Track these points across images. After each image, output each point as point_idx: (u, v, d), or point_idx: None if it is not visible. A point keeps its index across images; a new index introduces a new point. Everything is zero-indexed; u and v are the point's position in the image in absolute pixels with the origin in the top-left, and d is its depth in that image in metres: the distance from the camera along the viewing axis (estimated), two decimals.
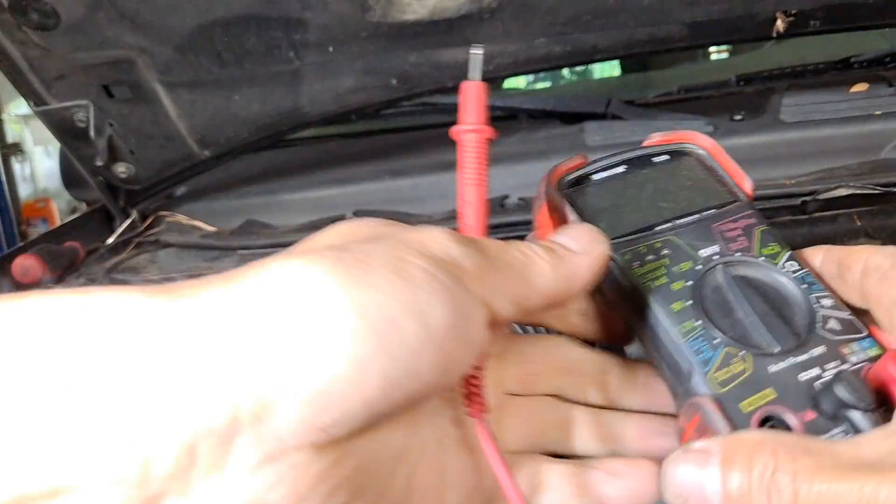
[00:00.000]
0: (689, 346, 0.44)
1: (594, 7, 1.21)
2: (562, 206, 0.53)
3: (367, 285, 0.29)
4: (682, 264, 0.48)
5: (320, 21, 1.20)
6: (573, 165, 0.56)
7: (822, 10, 1.25)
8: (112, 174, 1.44)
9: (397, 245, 0.32)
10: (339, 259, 0.30)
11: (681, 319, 0.45)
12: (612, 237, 0.48)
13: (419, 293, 0.29)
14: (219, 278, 0.30)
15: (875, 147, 1.40)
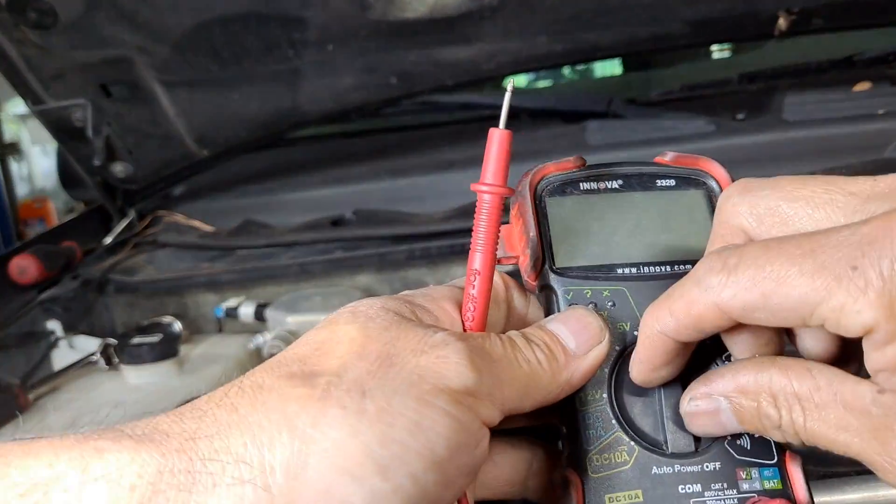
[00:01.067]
0: (585, 416, 0.41)
1: (596, 5, 1.20)
2: (527, 216, 0.45)
3: (392, 442, 0.30)
4: (619, 324, 0.43)
5: (320, 19, 1.19)
6: (563, 167, 0.48)
7: (824, 8, 1.24)
8: (110, 174, 1.43)
9: (418, 384, 0.32)
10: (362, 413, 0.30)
11: (590, 386, 0.41)
12: (563, 265, 0.44)
13: (440, 443, 0.31)
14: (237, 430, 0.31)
15: (878, 146, 1.39)
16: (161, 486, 0.28)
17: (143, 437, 0.30)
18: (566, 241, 0.45)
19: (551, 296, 0.44)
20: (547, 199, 0.47)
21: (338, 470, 0.29)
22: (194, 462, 0.29)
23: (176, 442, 0.29)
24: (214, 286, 1.33)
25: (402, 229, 1.34)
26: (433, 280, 1.28)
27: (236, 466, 0.29)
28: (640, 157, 0.53)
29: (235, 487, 0.29)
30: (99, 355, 1.17)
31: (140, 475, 0.28)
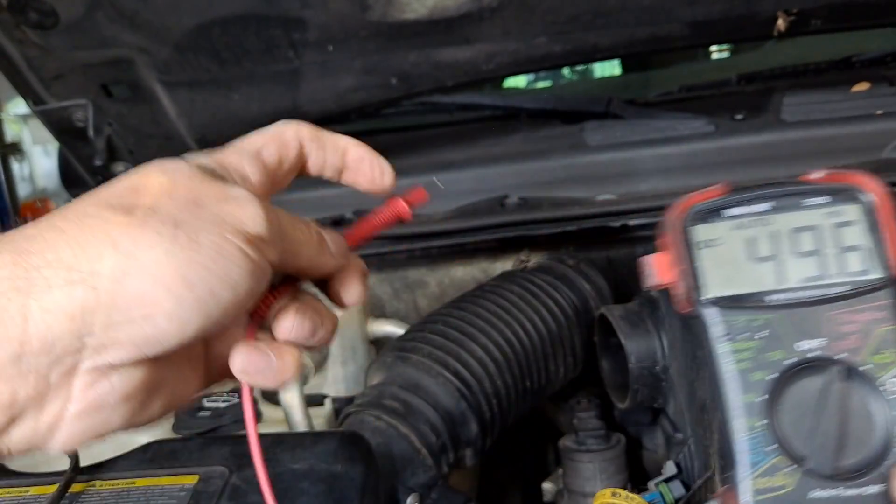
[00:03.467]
0: (744, 442, 0.43)
1: (595, 6, 1.20)
2: (676, 245, 0.47)
3: (195, 263, 0.37)
4: (773, 353, 0.44)
5: (319, 20, 1.20)
6: (709, 195, 0.48)
7: (823, 9, 1.25)
8: (111, 174, 1.44)
9: (220, 224, 0.39)
10: (175, 238, 0.37)
11: (748, 413, 0.43)
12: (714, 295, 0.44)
13: (234, 269, 0.38)
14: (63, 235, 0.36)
15: (876, 147, 1.40)
16: (2, 289, 0.34)
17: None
18: (716, 269, 0.46)
19: (704, 326, 0.45)
20: (695, 228, 0.47)
21: (153, 280, 0.36)
22: (29, 270, 0.34)
23: (9, 256, 0.35)
24: None
25: (401, 229, 1.34)
26: (433, 279, 1.28)
27: (68, 272, 0.35)
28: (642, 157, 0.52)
29: (67, 287, 0.35)
30: None
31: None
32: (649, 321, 0.96)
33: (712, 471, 0.74)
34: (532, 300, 1.05)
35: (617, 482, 0.94)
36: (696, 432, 0.82)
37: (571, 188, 1.43)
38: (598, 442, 0.96)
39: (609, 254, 1.25)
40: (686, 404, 0.87)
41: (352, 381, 1.14)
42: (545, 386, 1.05)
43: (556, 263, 1.15)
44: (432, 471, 0.85)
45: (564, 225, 1.28)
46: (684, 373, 0.87)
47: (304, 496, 0.72)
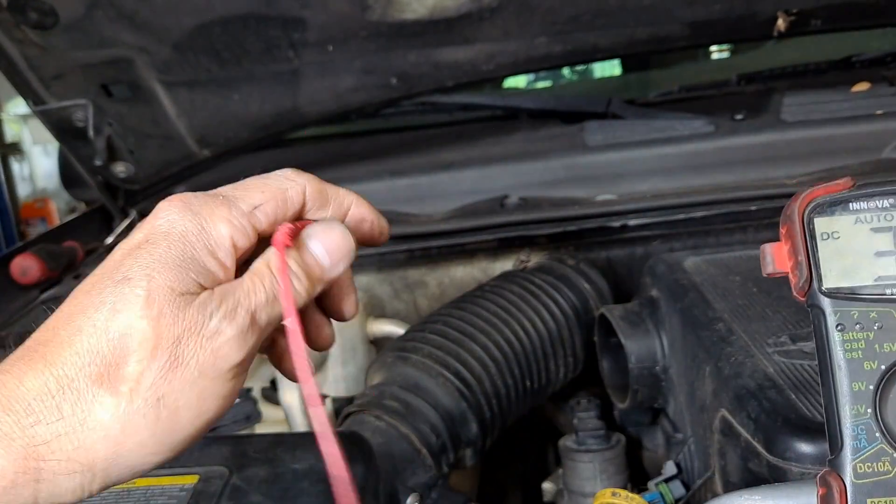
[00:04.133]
0: (851, 427, 0.45)
1: (595, 6, 1.20)
2: (796, 235, 0.48)
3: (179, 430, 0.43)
4: (886, 345, 0.46)
5: (319, 20, 1.20)
6: (832, 189, 0.49)
7: (823, 9, 1.25)
8: (111, 174, 1.44)
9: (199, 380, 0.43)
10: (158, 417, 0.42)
11: (855, 401, 0.45)
12: (831, 286, 0.46)
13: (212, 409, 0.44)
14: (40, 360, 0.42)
15: (877, 147, 1.40)
16: (19, 481, 0.39)
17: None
18: (834, 261, 0.47)
19: (819, 315, 0.47)
20: (815, 220, 0.48)
21: (141, 456, 0.42)
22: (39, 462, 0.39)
23: (21, 448, 0.39)
24: None
25: (401, 229, 1.34)
26: (433, 279, 1.29)
27: (70, 465, 0.40)
28: (642, 157, 0.54)
29: (71, 476, 0.40)
30: None
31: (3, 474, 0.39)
32: (649, 321, 0.97)
33: (712, 471, 0.74)
34: (532, 300, 1.05)
35: (617, 482, 0.94)
36: (697, 432, 0.82)
37: (571, 188, 1.43)
38: (598, 442, 0.96)
39: (609, 254, 1.25)
40: (686, 404, 0.87)
41: (352, 381, 1.14)
42: (545, 386, 1.05)
43: (556, 264, 1.15)
44: (432, 471, 0.85)
45: (564, 225, 1.29)
46: (684, 373, 0.87)
47: (305, 496, 0.72)
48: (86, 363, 0.41)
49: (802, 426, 0.61)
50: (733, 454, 0.69)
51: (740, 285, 0.90)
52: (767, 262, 0.50)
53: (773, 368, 0.70)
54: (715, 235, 1.24)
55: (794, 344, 0.74)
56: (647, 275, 1.05)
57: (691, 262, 1.00)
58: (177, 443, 0.43)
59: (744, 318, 0.81)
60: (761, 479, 0.63)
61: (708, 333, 0.81)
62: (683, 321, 0.88)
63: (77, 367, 0.41)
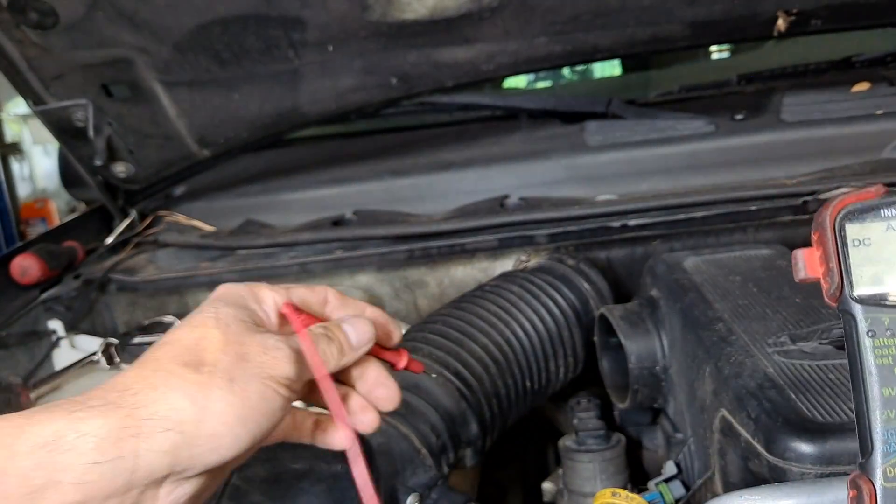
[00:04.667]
0: (881, 432, 0.46)
1: (595, 6, 1.20)
2: (827, 245, 0.49)
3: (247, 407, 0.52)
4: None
5: (319, 20, 1.20)
6: (863, 196, 0.50)
7: (823, 9, 1.25)
8: (111, 174, 1.44)
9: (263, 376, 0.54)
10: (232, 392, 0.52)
11: (885, 406, 0.46)
12: (862, 293, 0.47)
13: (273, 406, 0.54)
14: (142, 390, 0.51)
15: (876, 146, 1.40)
16: (122, 437, 0.48)
17: (104, 408, 0.49)
18: (865, 268, 0.48)
19: (850, 321, 0.47)
20: (847, 226, 0.49)
21: (219, 422, 0.51)
22: (139, 422, 0.49)
23: (126, 410, 0.49)
24: (215, 286, 1.33)
25: (402, 229, 1.35)
26: (433, 279, 1.29)
27: (164, 423, 0.49)
28: (642, 157, 0.54)
29: (163, 433, 0.49)
30: (100, 355, 1.18)
31: (111, 429, 0.48)
32: (649, 321, 0.97)
33: (712, 471, 0.74)
34: (532, 300, 1.06)
35: (617, 482, 0.94)
36: (697, 432, 0.82)
37: (571, 188, 1.44)
38: (598, 442, 0.96)
39: (609, 254, 1.25)
40: (686, 404, 0.87)
41: None
42: (545, 386, 1.05)
43: (556, 264, 1.15)
44: (432, 471, 0.85)
45: (564, 225, 1.29)
46: (684, 373, 0.87)
47: (305, 495, 0.72)
48: (175, 354, 0.53)
49: (802, 426, 0.62)
50: (733, 454, 0.69)
51: (740, 285, 0.90)
52: (799, 268, 0.50)
53: (773, 368, 0.70)
54: (715, 235, 1.24)
55: (793, 344, 0.74)
56: (647, 275, 1.05)
57: (691, 262, 1.00)
58: (249, 427, 0.52)
59: (744, 318, 0.81)
60: (761, 479, 0.64)
61: (708, 333, 0.81)
62: (683, 321, 0.88)
63: (168, 357, 0.52)
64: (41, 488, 0.46)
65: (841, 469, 0.60)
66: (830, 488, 0.57)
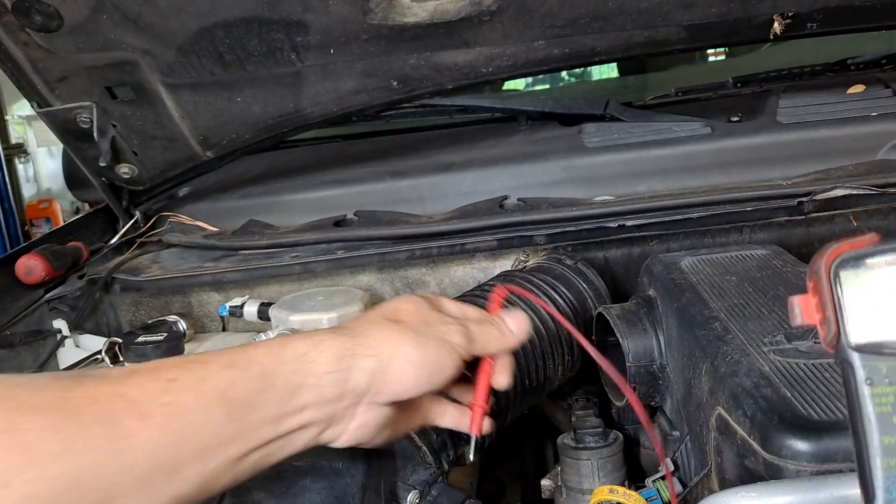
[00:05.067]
0: (883, 479, 0.46)
1: (592, 10, 1.21)
2: (823, 289, 0.49)
3: (426, 355, 0.69)
4: None
5: (321, 23, 1.21)
6: (860, 244, 0.50)
7: (818, 12, 1.26)
8: (115, 175, 1.45)
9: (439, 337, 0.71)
10: (417, 340, 0.69)
11: (886, 454, 0.46)
12: (859, 341, 0.47)
13: (445, 360, 0.70)
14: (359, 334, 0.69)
15: (872, 148, 1.41)
16: (345, 355, 0.66)
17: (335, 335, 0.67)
18: (861, 316, 0.48)
19: (849, 369, 0.47)
20: (842, 274, 0.49)
21: (406, 360, 0.68)
22: (356, 348, 0.66)
23: (347, 337, 0.67)
24: (219, 285, 1.35)
25: (402, 230, 1.36)
26: (433, 279, 1.30)
27: (371, 350, 0.67)
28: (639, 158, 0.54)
29: (369, 358, 0.66)
30: (104, 354, 1.19)
31: (339, 348, 0.66)
32: (646, 320, 0.98)
33: (709, 468, 0.75)
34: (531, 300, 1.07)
35: (614, 479, 0.95)
36: (693, 430, 0.83)
37: (570, 189, 1.45)
38: (595, 440, 0.97)
39: (606, 254, 1.26)
40: (683, 402, 0.88)
41: None
42: (544, 384, 1.06)
43: (555, 264, 1.16)
44: (432, 468, 0.86)
45: (563, 225, 1.30)
46: (681, 371, 0.88)
47: (307, 493, 0.73)
48: (380, 313, 0.73)
49: (798, 424, 0.62)
50: (729, 452, 0.69)
51: (736, 285, 0.91)
52: (796, 315, 0.50)
53: (768, 367, 0.71)
54: (711, 236, 1.25)
55: (789, 343, 0.75)
56: (645, 274, 1.06)
57: (688, 262, 1.01)
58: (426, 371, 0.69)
59: (740, 318, 0.82)
60: (757, 477, 0.64)
61: (704, 332, 0.82)
62: (680, 320, 0.89)
63: (375, 314, 0.73)
64: (297, 387, 0.63)
65: (836, 467, 0.60)
66: (826, 486, 0.58)
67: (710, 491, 0.76)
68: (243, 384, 0.61)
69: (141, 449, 0.53)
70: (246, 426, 0.60)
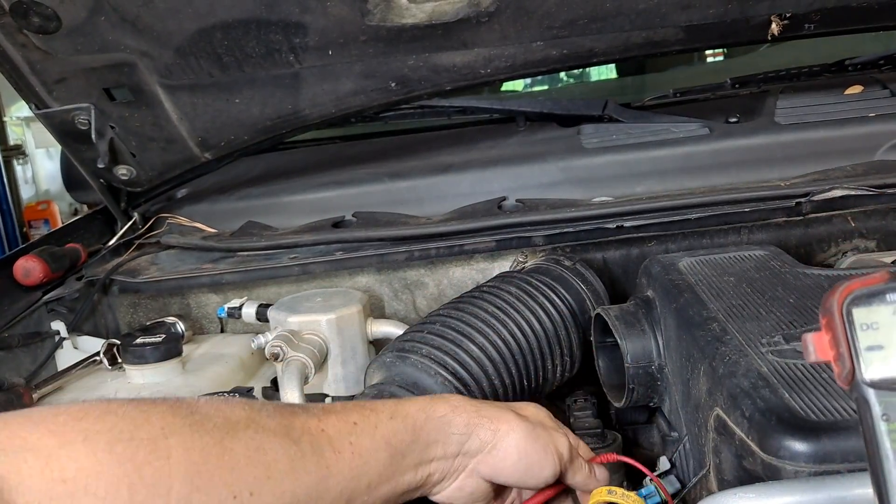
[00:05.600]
0: None
1: (591, 11, 1.22)
2: (836, 330, 0.50)
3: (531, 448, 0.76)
4: None
5: (319, 25, 1.21)
6: (872, 281, 0.50)
7: (816, 13, 1.26)
8: (113, 176, 1.45)
9: (548, 439, 0.78)
10: (529, 432, 0.76)
11: None
12: (874, 377, 0.47)
13: (546, 458, 0.77)
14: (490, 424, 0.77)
15: (869, 149, 1.41)
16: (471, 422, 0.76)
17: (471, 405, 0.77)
18: (875, 352, 0.48)
19: (864, 405, 0.48)
20: (854, 311, 0.49)
21: (515, 446, 0.76)
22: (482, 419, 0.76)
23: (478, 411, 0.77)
24: (217, 287, 1.35)
25: (401, 231, 1.36)
26: (432, 280, 1.30)
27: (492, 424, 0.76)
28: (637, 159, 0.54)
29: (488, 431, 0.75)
30: (103, 355, 1.19)
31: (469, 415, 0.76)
32: (645, 321, 0.98)
33: (707, 469, 0.75)
34: (529, 301, 1.07)
35: (613, 480, 0.95)
36: (692, 431, 0.83)
37: (568, 190, 1.45)
38: (594, 440, 0.97)
39: (605, 255, 1.26)
40: (681, 403, 0.88)
41: (352, 380, 1.15)
42: (542, 385, 1.07)
43: (553, 265, 1.16)
44: None
45: (561, 226, 1.30)
46: (679, 372, 0.88)
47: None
48: (507, 405, 0.81)
49: (796, 425, 0.62)
50: (728, 452, 0.69)
51: (734, 286, 0.91)
52: (810, 351, 0.51)
53: (766, 368, 0.71)
54: (710, 236, 1.25)
55: (787, 343, 0.75)
56: (643, 275, 1.06)
57: (686, 263, 1.01)
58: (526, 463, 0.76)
59: (738, 318, 0.82)
60: (755, 477, 0.64)
61: (702, 333, 0.82)
62: (678, 321, 0.89)
63: (504, 405, 0.81)
64: (433, 442, 0.73)
65: (834, 467, 0.60)
66: (824, 486, 0.58)
67: (708, 491, 0.76)
68: (402, 434, 0.71)
69: (336, 477, 0.65)
70: (398, 469, 0.71)
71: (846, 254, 1.22)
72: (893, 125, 1.42)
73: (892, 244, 1.21)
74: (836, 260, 1.23)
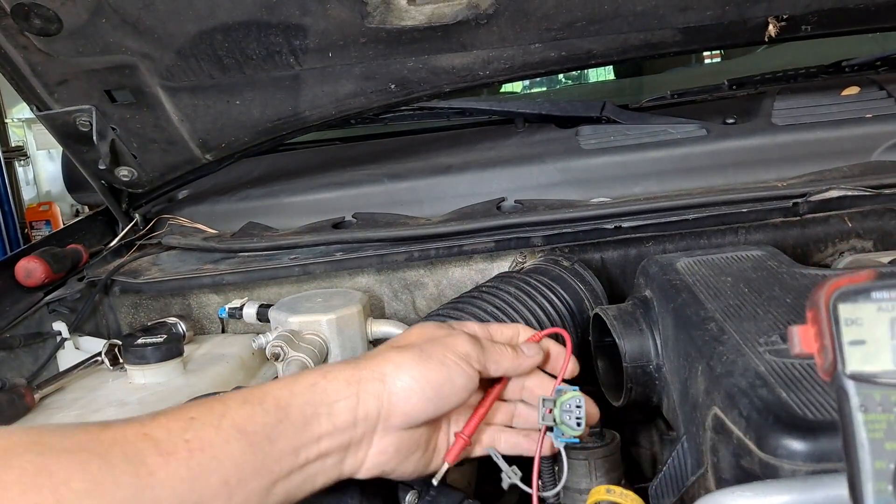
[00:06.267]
0: (873, 503, 0.47)
1: (589, 13, 1.22)
2: (821, 324, 0.51)
3: (430, 369, 0.71)
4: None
5: (320, 27, 1.21)
6: (858, 278, 0.52)
7: (813, 14, 1.27)
8: (115, 178, 1.46)
9: (443, 349, 0.72)
10: (419, 357, 0.71)
11: (878, 479, 0.48)
12: (855, 370, 0.49)
13: (452, 373, 0.71)
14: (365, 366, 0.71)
15: (866, 150, 1.42)
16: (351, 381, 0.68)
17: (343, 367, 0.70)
18: (857, 346, 0.50)
19: (843, 396, 0.49)
20: (840, 306, 0.51)
21: (409, 377, 0.69)
22: (360, 373, 0.69)
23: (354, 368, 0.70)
24: (218, 287, 1.35)
25: (401, 232, 1.36)
26: (431, 281, 1.30)
27: (375, 373, 0.69)
28: (635, 160, 0.55)
29: (376, 383, 0.69)
30: (104, 356, 1.19)
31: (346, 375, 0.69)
32: (643, 321, 0.98)
33: (705, 468, 0.75)
34: (528, 301, 1.07)
35: (611, 479, 0.95)
36: (689, 430, 0.84)
37: (566, 191, 1.45)
38: (592, 440, 0.97)
39: (603, 255, 1.27)
40: (679, 402, 0.89)
41: None
42: None
43: (552, 265, 1.17)
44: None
45: (560, 227, 1.30)
46: (677, 371, 0.89)
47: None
48: (388, 344, 0.76)
49: (793, 424, 0.62)
50: (725, 451, 0.69)
51: (732, 286, 0.92)
52: (794, 343, 0.52)
53: (764, 367, 0.71)
54: (707, 237, 1.26)
55: (784, 343, 0.75)
56: (641, 275, 1.06)
57: (684, 263, 1.01)
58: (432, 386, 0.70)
59: (735, 318, 0.83)
60: (753, 476, 0.64)
61: (700, 333, 0.82)
62: (676, 321, 0.89)
63: (384, 346, 0.75)
64: (311, 417, 0.65)
65: (832, 466, 0.60)
66: (821, 485, 0.58)
67: (706, 490, 0.76)
68: (260, 417, 0.63)
69: (165, 484, 0.56)
70: (266, 459, 0.62)
71: (843, 254, 1.23)
72: (890, 126, 1.43)
73: (889, 244, 1.21)
74: (833, 260, 1.23)
